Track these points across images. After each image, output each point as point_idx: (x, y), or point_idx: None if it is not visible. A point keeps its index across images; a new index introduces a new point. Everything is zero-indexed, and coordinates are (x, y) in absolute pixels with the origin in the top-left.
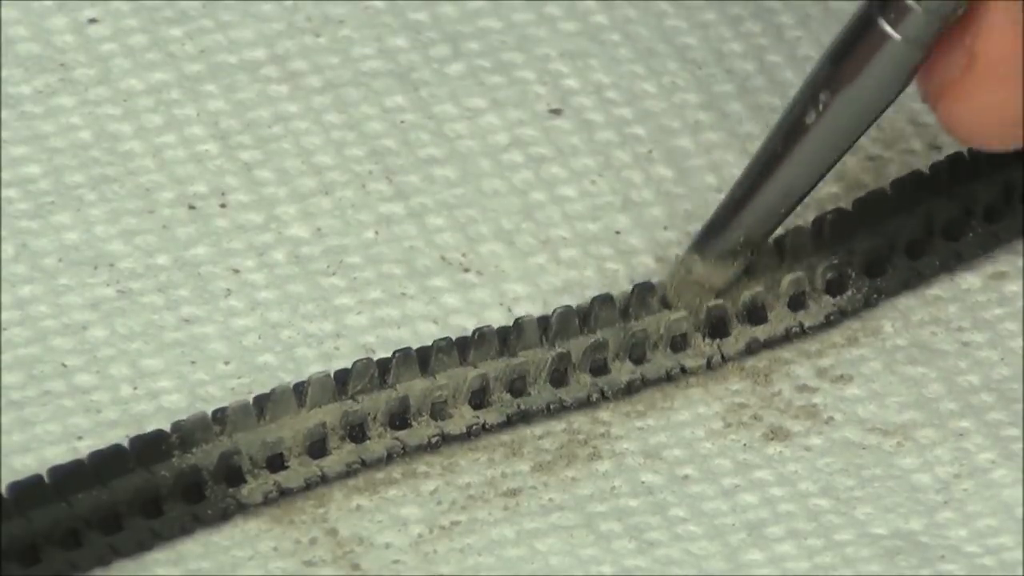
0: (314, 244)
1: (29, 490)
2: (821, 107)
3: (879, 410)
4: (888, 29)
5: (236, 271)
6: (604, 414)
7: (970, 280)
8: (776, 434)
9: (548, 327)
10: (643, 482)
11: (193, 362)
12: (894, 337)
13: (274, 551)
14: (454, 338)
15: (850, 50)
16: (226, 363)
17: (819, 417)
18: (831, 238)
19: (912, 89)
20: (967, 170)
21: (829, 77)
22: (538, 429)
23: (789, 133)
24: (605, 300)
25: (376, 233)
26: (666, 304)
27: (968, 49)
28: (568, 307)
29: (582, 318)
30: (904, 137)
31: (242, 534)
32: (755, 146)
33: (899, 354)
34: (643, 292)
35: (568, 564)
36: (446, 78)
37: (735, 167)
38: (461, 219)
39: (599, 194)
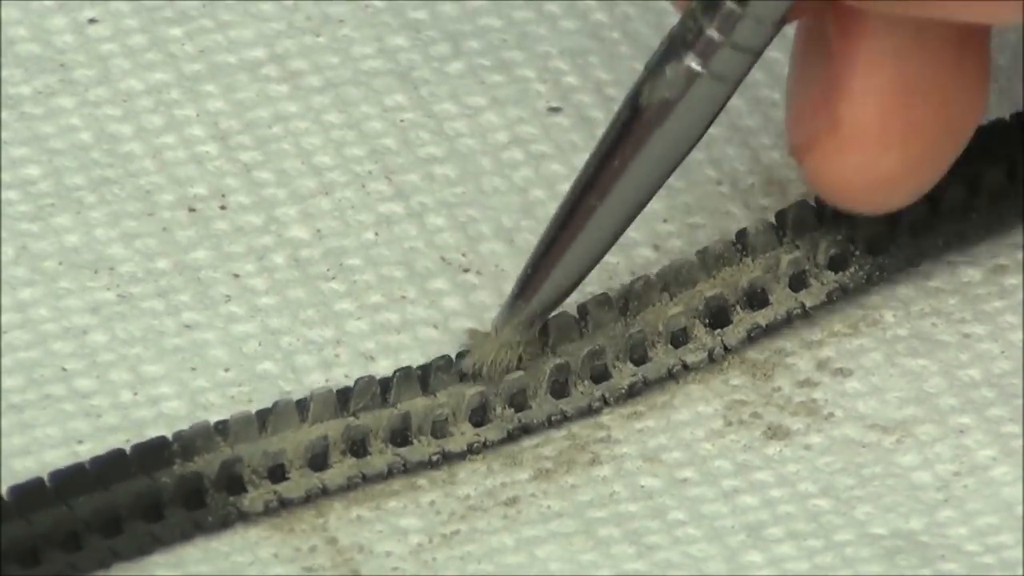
0: (314, 246)
1: (30, 493)
2: (621, 156)
3: (879, 405)
4: (695, 65)
5: (236, 276)
6: (604, 418)
7: (971, 273)
8: (776, 433)
9: (546, 334)
10: (642, 486)
11: (193, 368)
12: (895, 327)
13: (274, 558)
14: (453, 356)
15: (654, 88)
16: (226, 370)
17: (819, 413)
18: (835, 212)
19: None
20: (971, 150)
21: (632, 117)
22: (537, 437)
23: (591, 184)
24: (602, 301)
25: (376, 234)
26: (472, 375)
27: (832, 110)
28: (564, 312)
29: (578, 321)
30: None
31: (242, 540)
32: (756, 140)
33: (900, 345)
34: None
35: (567, 570)
36: (446, 77)
37: (735, 160)
38: (461, 218)
39: None
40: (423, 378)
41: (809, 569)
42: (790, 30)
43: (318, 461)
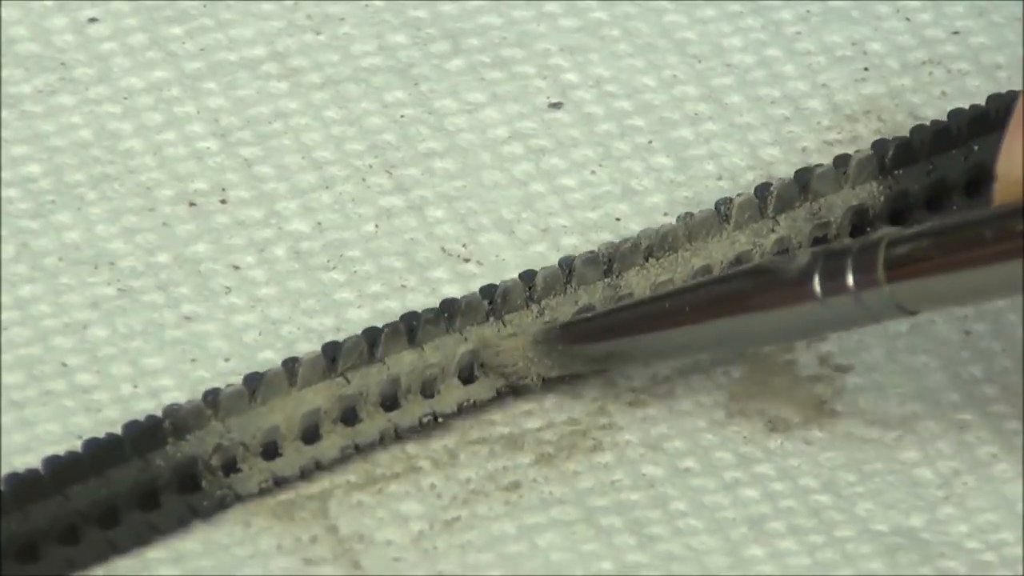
0: (314, 239)
1: (26, 483)
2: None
3: (880, 401)
4: (817, 290)
5: (236, 267)
6: (607, 405)
7: None
8: (777, 426)
9: (533, 287)
10: (644, 475)
11: (194, 360)
12: (896, 323)
13: (275, 549)
14: (439, 306)
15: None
16: (227, 360)
17: (820, 409)
18: (816, 193)
19: None
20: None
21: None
22: (539, 421)
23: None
24: (589, 258)
25: (376, 226)
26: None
27: None
28: (553, 266)
29: (566, 276)
30: None
31: (242, 532)
32: (754, 136)
33: (901, 341)
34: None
35: (569, 560)
36: (446, 73)
37: (735, 156)
38: (461, 210)
39: (599, 183)
40: (410, 331)
41: (810, 565)
42: None
43: (310, 433)
